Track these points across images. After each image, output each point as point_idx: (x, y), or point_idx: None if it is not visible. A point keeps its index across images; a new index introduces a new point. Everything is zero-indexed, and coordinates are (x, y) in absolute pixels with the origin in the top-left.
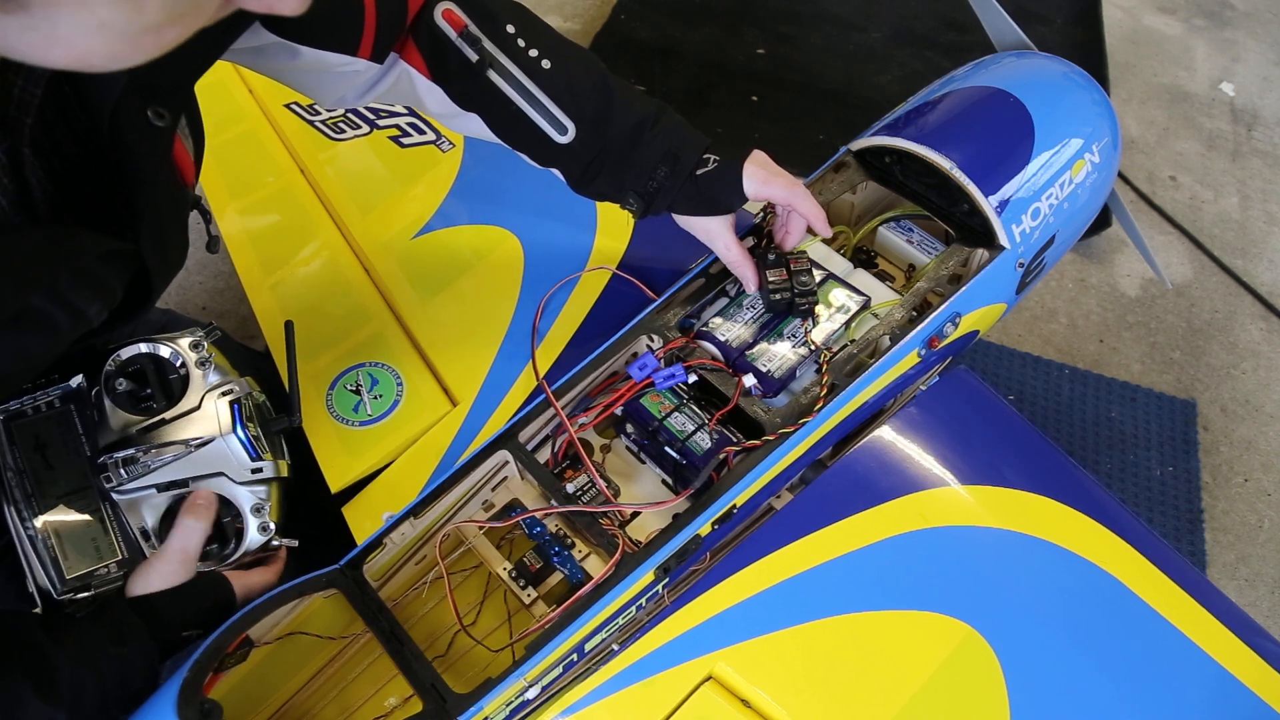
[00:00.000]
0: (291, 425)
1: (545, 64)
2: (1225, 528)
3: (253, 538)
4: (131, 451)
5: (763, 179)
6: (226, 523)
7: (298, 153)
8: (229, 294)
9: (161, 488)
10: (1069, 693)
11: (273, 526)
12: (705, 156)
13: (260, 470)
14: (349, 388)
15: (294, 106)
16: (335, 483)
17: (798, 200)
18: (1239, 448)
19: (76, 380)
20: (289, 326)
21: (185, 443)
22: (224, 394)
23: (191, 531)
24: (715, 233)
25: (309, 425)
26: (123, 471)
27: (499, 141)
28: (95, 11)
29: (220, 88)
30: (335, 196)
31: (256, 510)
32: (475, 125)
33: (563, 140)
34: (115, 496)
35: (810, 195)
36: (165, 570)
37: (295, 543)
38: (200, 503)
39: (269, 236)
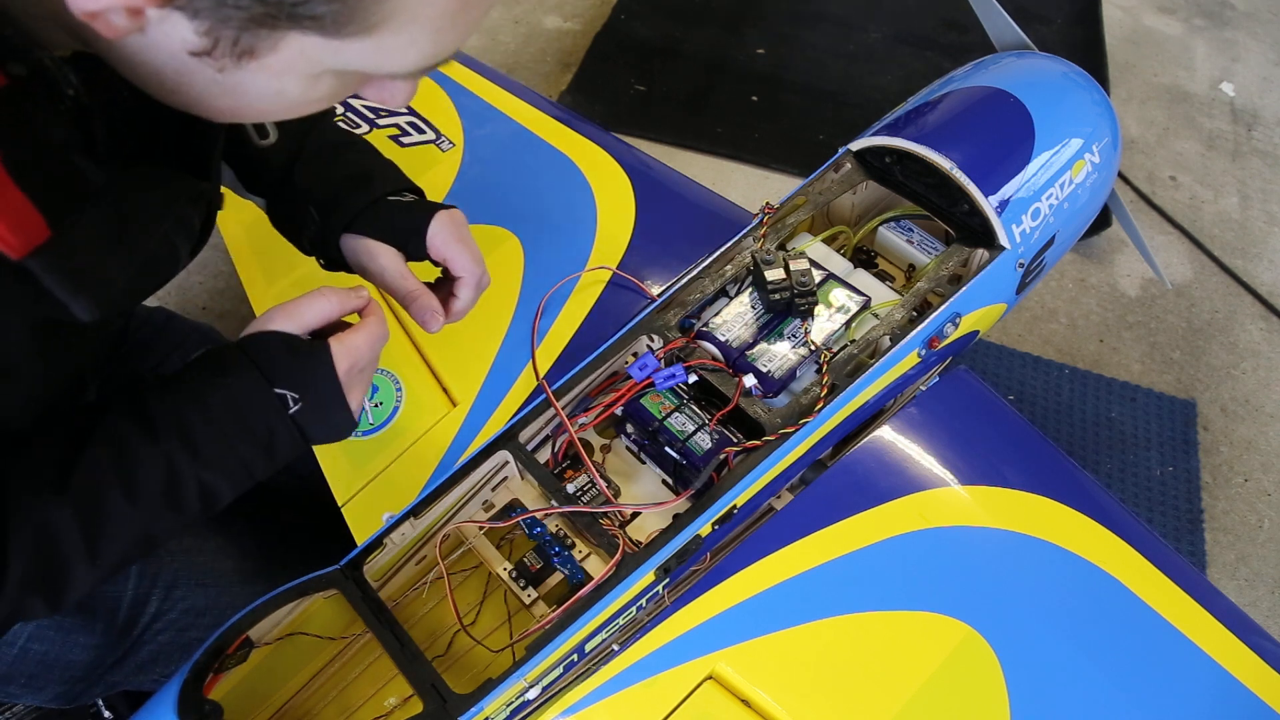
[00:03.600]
0: None
1: None
2: (1225, 528)
3: None
4: None
5: (453, 235)
6: None
7: None
8: (229, 294)
9: None
10: (1069, 693)
11: None
12: (402, 190)
13: None
14: None
15: None
16: (342, 495)
17: (468, 285)
18: (1239, 448)
19: None
20: None
21: None
22: None
23: (321, 299)
24: (387, 262)
25: None
26: None
27: None
28: (284, 84)
29: None
30: None
31: None
32: None
33: (263, 143)
34: None
35: (481, 286)
36: (282, 318)
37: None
38: (374, 310)
39: (269, 237)
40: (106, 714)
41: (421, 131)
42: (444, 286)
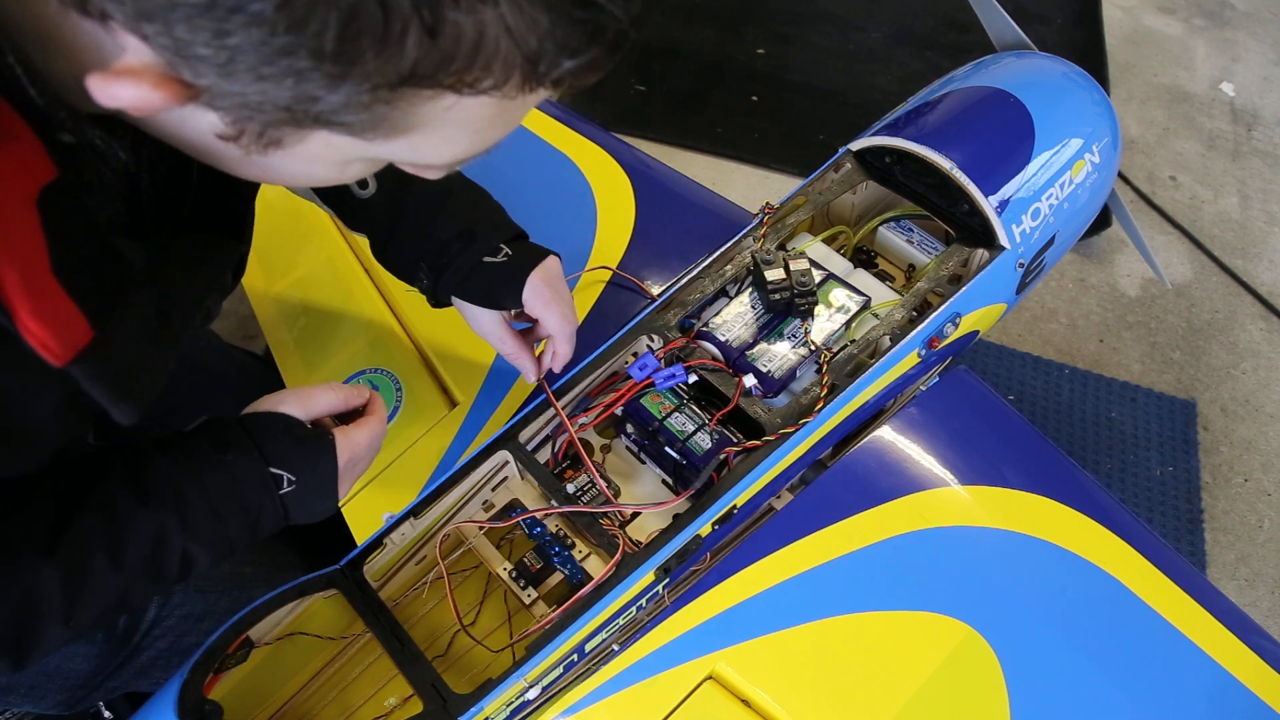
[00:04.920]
0: None
1: None
2: (1225, 528)
3: None
4: None
5: (543, 298)
6: None
7: None
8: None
9: None
10: (1069, 693)
11: None
12: (499, 245)
13: None
14: None
15: None
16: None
17: (560, 340)
18: (1239, 448)
19: None
20: None
21: None
22: None
23: (331, 393)
24: (489, 326)
25: None
26: None
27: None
28: (313, 169)
29: None
30: None
31: None
32: None
33: (362, 194)
34: None
35: (572, 339)
36: (294, 402)
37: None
38: (377, 409)
39: (269, 238)
40: (106, 714)
41: None
42: (537, 328)
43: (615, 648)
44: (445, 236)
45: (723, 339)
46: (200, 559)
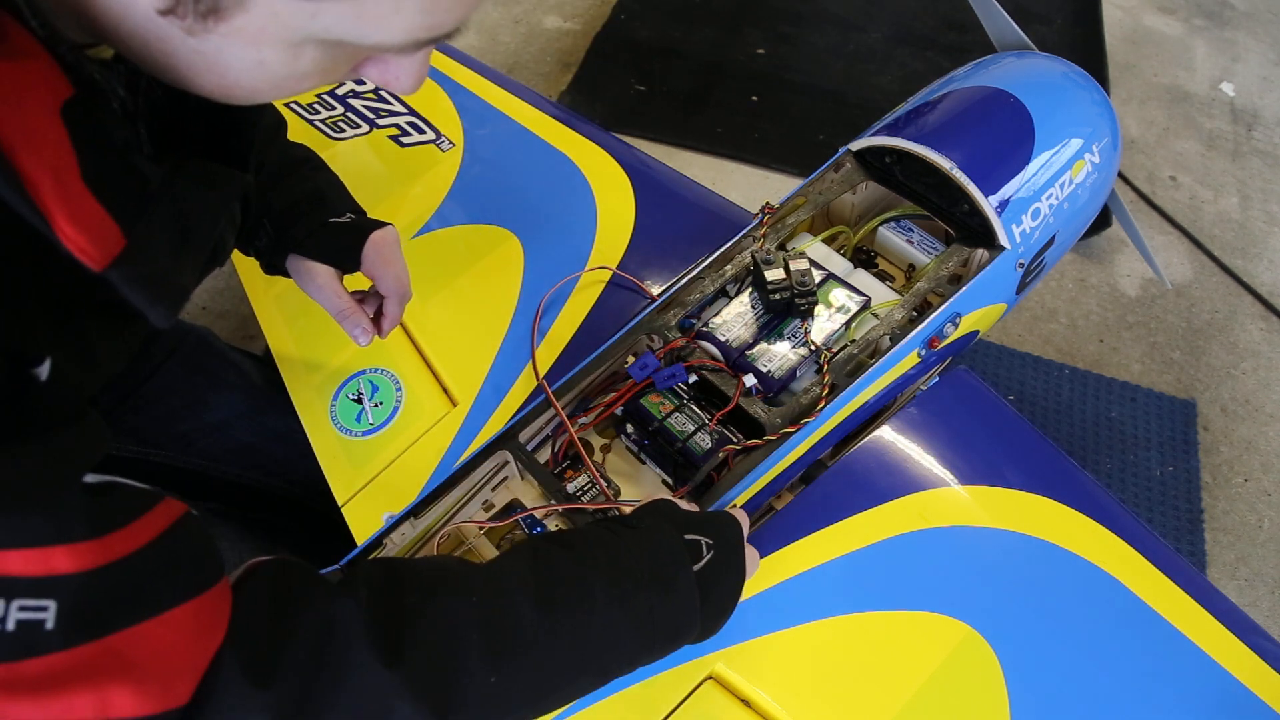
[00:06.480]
0: None
1: None
2: (1225, 528)
3: None
4: None
5: (382, 257)
6: None
7: None
8: (229, 294)
9: None
10: (1069, 693)
11: None
12: (344, 211)
13: None
14: (351, 397)
15: (293, 106)
16: (342, 494)
17: (392, 301)
18: (1239, 448)
19: None
20: None
21: None
22: None
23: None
24: (325, 281)
25: (315, 438)
26: None
27: None
28: (263, 53)
29: None
30: None
31: None
32: None
33: None
34: None
35: (404, 301)
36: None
37: None
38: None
39: None
40: None
41: (421, 131)
42: (375, 296)
43: None
44: (296, 195)
45: (723, 339)
46: (624, 637)
